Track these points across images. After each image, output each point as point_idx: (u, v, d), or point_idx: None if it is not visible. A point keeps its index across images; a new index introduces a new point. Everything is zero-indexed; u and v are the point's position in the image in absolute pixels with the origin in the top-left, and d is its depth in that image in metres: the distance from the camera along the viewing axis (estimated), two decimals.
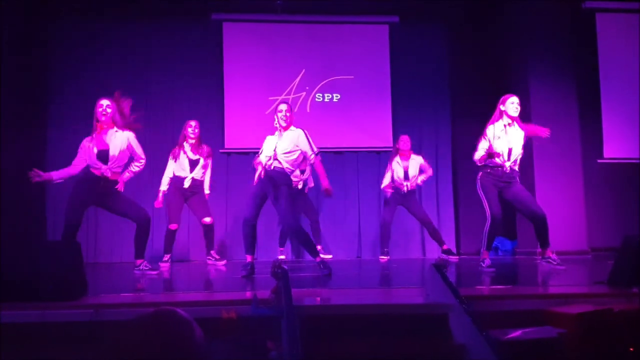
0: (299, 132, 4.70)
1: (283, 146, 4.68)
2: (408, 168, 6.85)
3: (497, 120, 5.16)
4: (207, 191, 6.38)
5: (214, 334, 2.66)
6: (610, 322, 2.80)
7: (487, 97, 8.33)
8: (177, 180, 6.22)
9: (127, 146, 4.89)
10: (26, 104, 7.18)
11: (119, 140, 4.82)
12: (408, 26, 8.29)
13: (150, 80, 7.82)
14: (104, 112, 4.76)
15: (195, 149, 6.23)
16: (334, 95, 8.18)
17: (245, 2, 8.01)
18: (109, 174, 4.78)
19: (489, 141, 5.15)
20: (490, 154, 5.05)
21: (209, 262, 6.39)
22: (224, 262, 6.46)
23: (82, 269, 3.22)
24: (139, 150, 4.98)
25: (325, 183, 4.55)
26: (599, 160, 7.76)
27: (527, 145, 7.60)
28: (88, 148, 4.79)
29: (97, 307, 2.83)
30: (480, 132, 8.24)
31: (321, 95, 8.13)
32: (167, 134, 7.80)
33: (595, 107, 7.76)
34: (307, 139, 4.68)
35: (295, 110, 7.75)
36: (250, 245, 4.69)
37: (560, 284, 4.01)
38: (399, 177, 6.83)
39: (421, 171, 6.92)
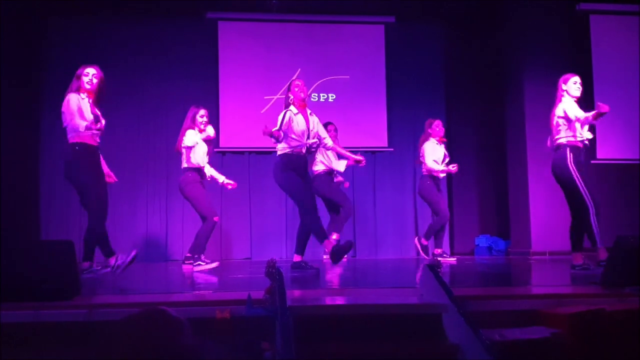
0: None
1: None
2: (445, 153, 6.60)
3: (560, 101, 4.77)
4: (224, 179, 5.90)
5: (208, 334, 2.65)
6: (603, 322, 2.81)
7: (482, 98, 8.41)
8: (197, 172, 5.59)
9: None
10: (20, 103, 7.15)
11: None
12: (404, 26, 8.30)
13: (144, 78, 7.80)
14: (89, 82, 4.56)
15: (206, 139, 5.70)
16: (330, 95, 8.18)
17: (241, 1, 8.01)
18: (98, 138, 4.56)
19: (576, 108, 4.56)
20: (600, 113, 4.40)
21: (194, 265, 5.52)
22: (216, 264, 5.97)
23: (76, 268, 3.21)
24: None
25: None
26: (592, 161, 7.78)
27: (521, 145, 7.67)
28: (83, 105, 4.51)
29: (91, 307, 2.82)
30: (474, 133, 8.31)
31: (317, 95, 8.13)
32: (161, 132, 7.79)
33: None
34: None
35: None
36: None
37: (553, 284, 4.03)
38: (438, 161, 6.50)
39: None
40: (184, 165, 5.58)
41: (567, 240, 4.97)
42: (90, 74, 4.56)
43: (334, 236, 6.96)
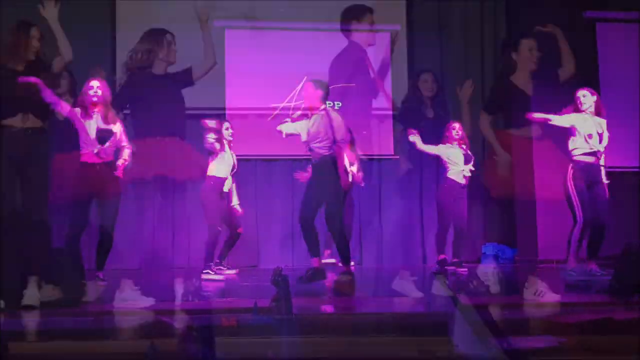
0: None
1: None
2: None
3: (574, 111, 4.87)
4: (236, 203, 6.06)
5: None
6: (611, 331, 2.80)
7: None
8: (217, 182, 5.70)
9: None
10: None
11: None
12: (410, 34, 8.29)
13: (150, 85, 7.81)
14: (95, 95, 4.56)
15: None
16: (335, 102, 8.18)
17: (247, 9, 8.02)
18: (103, 155, 4.53)
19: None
20: None
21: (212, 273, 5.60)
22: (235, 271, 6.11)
23: (83, 275, 3.23)
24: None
25: None
26: None
27: (526, 155, 7.62)
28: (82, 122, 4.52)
29: (98, 314, 2.83)
30: (479, 139, 8.29)
31: None
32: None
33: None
34: None
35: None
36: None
37: (561, 293, 4.01)
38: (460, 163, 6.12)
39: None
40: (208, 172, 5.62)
41: None
42: (95, 87, 4.57)
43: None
